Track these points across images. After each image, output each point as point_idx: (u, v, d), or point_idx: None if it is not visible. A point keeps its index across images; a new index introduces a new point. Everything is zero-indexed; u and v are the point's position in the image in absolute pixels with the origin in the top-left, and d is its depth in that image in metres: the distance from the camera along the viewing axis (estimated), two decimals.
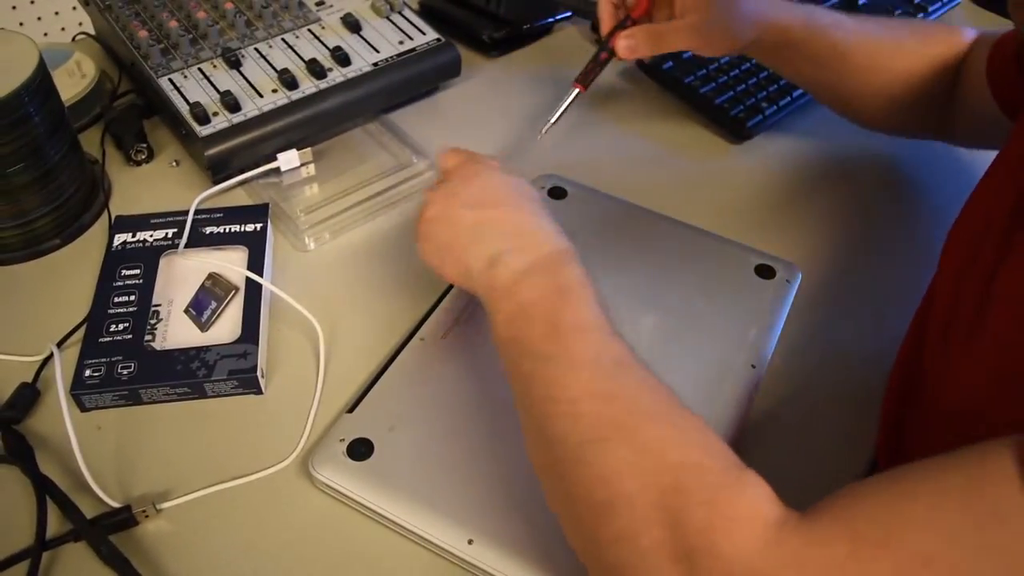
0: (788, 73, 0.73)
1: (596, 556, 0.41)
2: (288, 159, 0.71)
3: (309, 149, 0.72)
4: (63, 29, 1.55)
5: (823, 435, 0.58)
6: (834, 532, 0.34)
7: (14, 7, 1.52)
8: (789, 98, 0.82)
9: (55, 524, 0.52)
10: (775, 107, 0.81)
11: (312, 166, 0.72)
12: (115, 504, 0.52)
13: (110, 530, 0.51)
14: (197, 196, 0.69)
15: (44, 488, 0.53)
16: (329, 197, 0.71)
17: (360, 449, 0.53)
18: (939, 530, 0.32)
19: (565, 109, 0.67)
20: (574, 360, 0.44)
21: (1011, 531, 0.31)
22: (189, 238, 0.66)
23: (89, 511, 0.52)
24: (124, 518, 0.52)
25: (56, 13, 1.54)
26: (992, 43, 0.63)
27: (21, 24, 1.54)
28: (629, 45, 0.64)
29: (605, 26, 0.67)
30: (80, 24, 0.96)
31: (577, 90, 0.67)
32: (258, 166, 0.71)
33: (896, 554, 0.33)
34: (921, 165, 0.79)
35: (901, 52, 0.69)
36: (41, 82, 0.65)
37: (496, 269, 0.49)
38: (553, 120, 0.67)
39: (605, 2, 0.66)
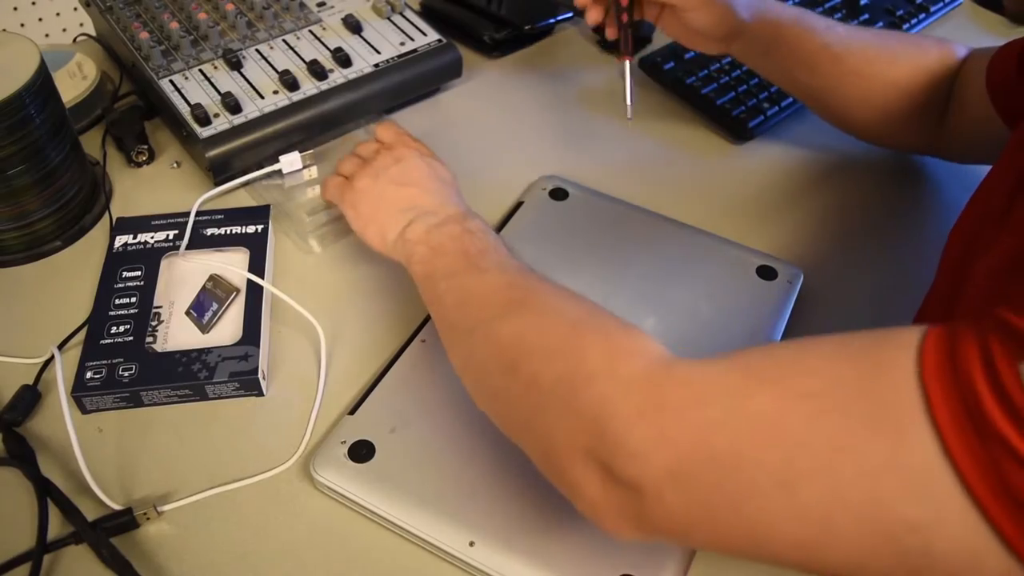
0: (779, 77, 0.73)
1: (507, 411, 0.46)
2: (290, 161, 0.71)
3: (312, 151, 0.72)
4: (64, 30, 1.55)
5: None
6: (730, 366, 0.38)
7: (15, 8, 1.52)
8: (791, 99, 0.81)
9: (56, 526, 0.52)
10: (777, 108, 0.80)
11: (315, 168, 0.72)
12: (116, 506, 0.52)
13: (111, 532, 0.51)
14: (199, 198, 0.69)
15: (45, 490, 0.53)
16: None
17: (361, 451, 0.53)
18: (829, 374, 0.35)
19: (632, 84, 0.70)
20: (482, 269, 0.51)
21: (887, 382, 0.33)
22: (190, 240, 0.66)
23: (90, 513, 0.52)
24: (125, 520, 0.52)
25: (57, 14, 1.54)
26: (989, 58, 0.63)
27: (22, 25, 1.54)
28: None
29: None
30: (81, 25, 0.96)
31: (627, 61, 0.70)
32: (260, 167, 0.71)
33: (781, 388, 0.35)
34: (923, 167, 0.79)
35: (895, 61, 0.69)
36: (42, 84, 0.65)
37: (410, 227, 0.56)
38: (630, 99, 0.70)
39: None
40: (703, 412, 0.36)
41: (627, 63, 0.70)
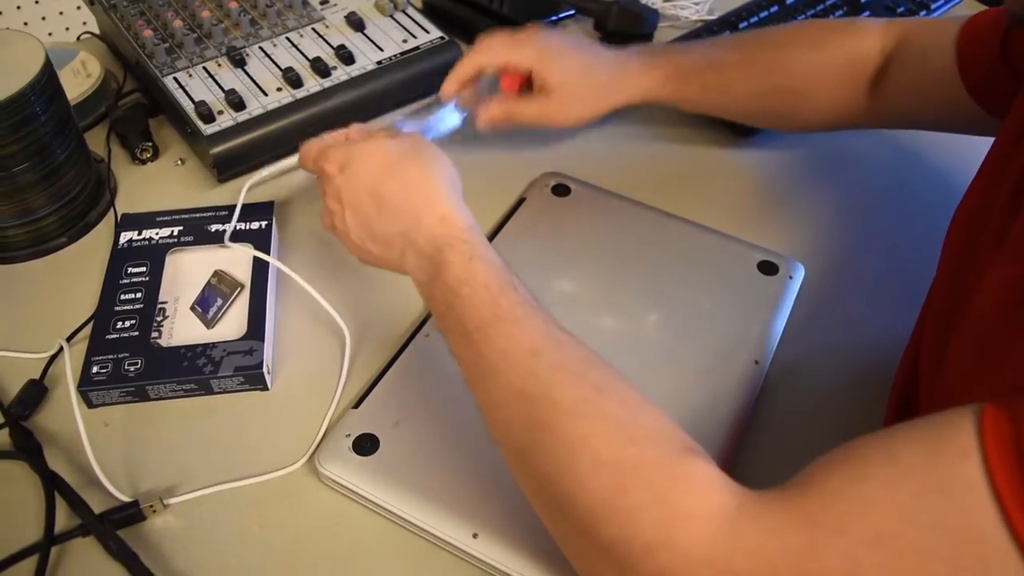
0: (692, 106, 0.74)
1: (564, 541, 0.42)
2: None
3: None
4: (67, 29, 1.56)
5: (829, 429, 0.58)
6: (789, 520, 0.35)
7: (19, 7, 1.53)
8: None
9: (63, 519, 0.52)
10: None
11: None
12: (123, 498, 0.53)
13: (118, 525, 0.52)
14: (243, 187, 0.69)
15: (53, 483, 0.53)
16: None
17: (365, 444, 0.53)
18: (891, 509, 0.32)
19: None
20: (486, 364, 0.44)
21: (958, 505, 0.31)
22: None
23: (97, 506, 0.52)
24: (132, 513, 0.52)
25: (60, 13, 1.55)
26: (955, 34, 0.62)
27: (26, 24, 1.55)
28: (488, 119, 0.70)
29: (449, 92, 0.70)
30: (84, 24, 0.97)
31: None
32: (262, 165, 0.71)
33: (849, 538, 0.33)
34: (922, 160, 0.79)
35: (794, 72, 0.69)
36: (47, 81, 0.65)
37: (406, 265, 0.52)
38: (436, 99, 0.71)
39: (467, 68, 0.69)
40: None
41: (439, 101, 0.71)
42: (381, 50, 0.79)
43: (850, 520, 0.33)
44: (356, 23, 0.81)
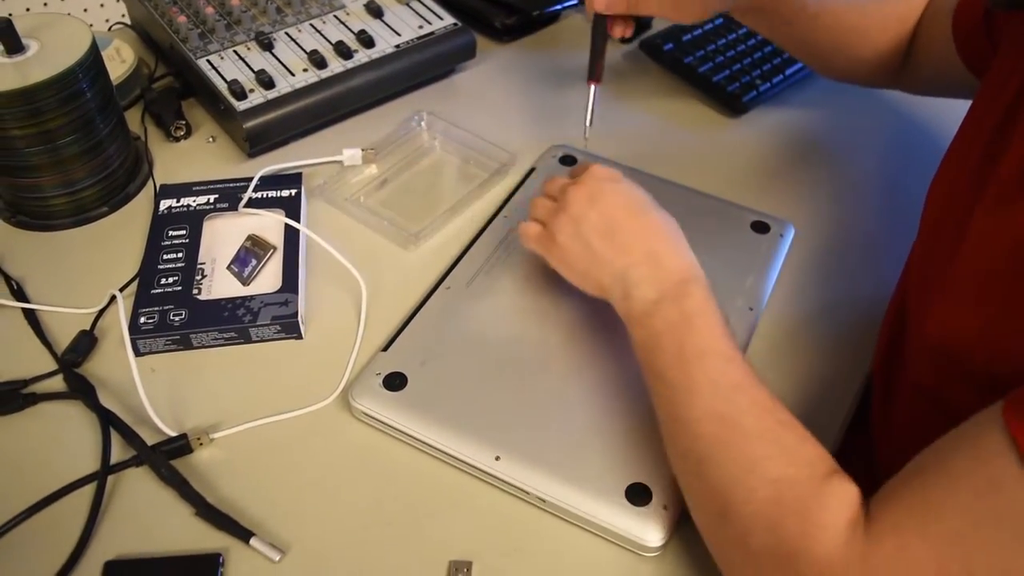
0: (765, 32, 0.78)
1: (720, 552, 0.48)
2: (351, 156, 0.77)
3: (372, 148, 0.78)
4: (91, 25, 1.61)
5: (817, 365, 0.63)
6: (883, 528, 0.41)
7: (45, 4, 1.58)
8: (782, 76, 0.87)
9: (117, 453, 0.57)
10: (769, 84, 0.86)
11: (374, 166, 0.78)
12: (172, 433, 0.57)
13: (169, 455, 0.56)
14: (257, 169, 0.75)
15: (107, 419, 0.58)
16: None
17: (395, 381, 0.58)
18: (956, 511, 0.38)
19: (593, 108, 0.73)
20: (694, 386, 0.50)
21: (1008, 497, 0.37)
22: (228, 203, 0.72)
23: (148, 441, 0.57)
24: (181, 445, 0.57)
25: (84, 10, 1.61)
26: (955, 5, 0.67)
27: (69, 14, 1.61)
28: (608, 2, 0.68)
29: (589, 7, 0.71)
30: (107, 20, 1.02)
31: (594, 87, 0.72)
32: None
33: (932, 540, 0.39)
34: (905, 128, 0.84)
35: (863, 12, 0.74)
36: (94, 60, 0.71)
37: (630, 301, 0.55)
38: (588, 123, 0.73)
39: None
40: None
41: (593, 88, 0.72)
42: (399, 35, 0.85)
43: (928, 525, 0.39)
44: (375, 10, 0.86)
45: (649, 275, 0.55)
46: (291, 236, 0.69)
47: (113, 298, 0.65)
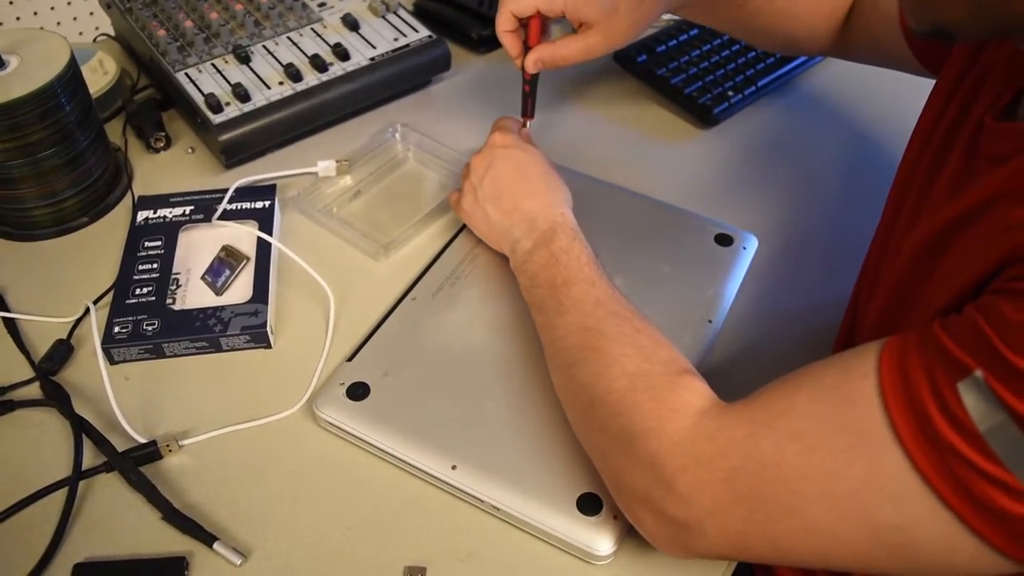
0: (701, 21, 0.80)
1: (588, 442, 0.54)
2: (326, 167, 0.79)
3: (346, 159, 0.79)
4: (80, 33, 1.64)
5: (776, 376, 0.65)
6: (739, 418, 0.46)
7: (35, 13, 1.61)
8: (754, 88, 0.89)
9: (89, 459, 0.59)
10: (740, 96, 0.88)
11: (348, 177, 0.79)
12: (142, 440, 0.59)
13: (139, 461, 0.58)
14: (232, 182, 0.77)
15: (80, 426, 0.60)
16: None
17: (358, 391, 0.60)
18: (811, 414, 0.43)
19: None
20: (561, 308, 0.58)
21: (858, 413, 0.41)
22: (204, 214, 0.74)
23: (119, 448, 0.59)
24: (150, 451, 0.59)
25: (74, 19, 1.63)
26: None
27: (41, 28, 1.62)
28: (535, 60, 0.71)
29: (514, 53, 0.72)
30: (96, 28, 1.04)
31: (527, 121, 0.77)
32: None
33: (777, 432, 0.43)
34: (872, 146, 0.86)
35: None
36: (72, 75, 0.72)
37: (515, 254, 0.65)
38: None
39: (506, 35, 0.71)
40: (726, 462, 0.44)
41: (527, 124, 0.76)
42: (374, 48, 0.86)
43: (778, 419, 0.44)
44: (351, 23, 0.88)
45: (526, 231, 0.65)
46: (264, 247, 0.71)
47: (88, 309, 0.67)
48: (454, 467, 0.56)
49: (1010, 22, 0.41)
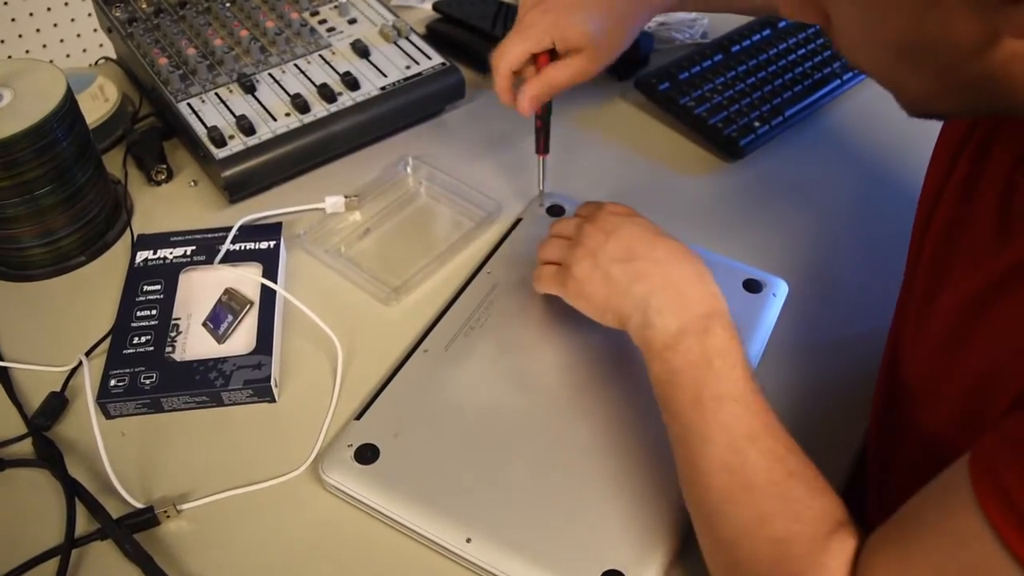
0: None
1: None
2: (334, 203, 0.75)
3: (355, 195, 0.76)
4: (84, 51, 1.61)
5: (809, 437, 0.61)
6: None
7: (38, 29, 1.58)
8: (781, 118, 0.85)
9: (83, 524, 0.56)
10: (767, 127, 0.84)
11: (358, 213, 0.76)
12: (139, 505, 0.56)
13: (134, 529, 0.55)
14: (237, 218, 0.74)
15: (73, 490, 0.57)
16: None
17: (366, 453, 0.57)
18: (928, 565, 0.40)
19: (543, 175, 0.75)
20: (708, 432, 0.49)
21: (973, 553, 0.37)
22: (206, 255, 0.70)
23: (114, 512, 0.56)
24: (147, 518, 0.55)
25: (78, 35, 1.60)
26: None
27: (44, 46, 1.60)
28: (529, 98, 0.68)
29: (508, 101, 0.70)
30: (101, 46, 1.01)
31: (542, 158, 0.74)
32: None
33: None
34: (903, 181, 0.82)
35: None
36: (68, 109, 0.69)
37: (651, 330, 0.53)
38: (542, 188, 0.76)
39: (503, 82, 0.69)
40: None
41: (541, 160, 0.74)
42: (385, 76, 0.83)
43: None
44: (361, 50, 0.85)
45: (671, 303, 0.53)
46: (268, 291, 0.68)
47: (80, 363, 0.64)
48: (469, 540, 0.52)
49: (1012, 109, 0.41)
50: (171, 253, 0.71)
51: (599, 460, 0.57)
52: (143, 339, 0.64)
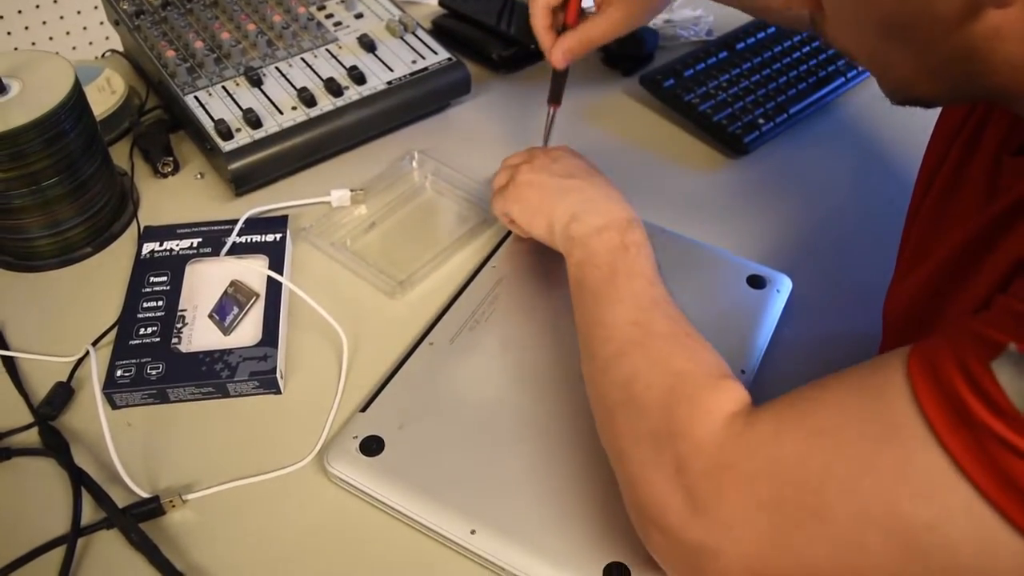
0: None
1: (612, 445, 0.51)
2: (340, 196, 0.75)
3: (361, 189, 0.76)
4: (91, 43, 1.61)
5: None
6: (765, 416, 0.44)
7: (44, 22, 1.58)
8: (785, 115, 0.85)
9: (88, 513, 0.56)
10: (771, 124, 0.84)
11: (363, 206, 0.76)
12: (144, 494, 0.56)
13: (140, 518, 0.55)
14: (244, 210, 0.74)
15: (79, 479, 0.57)
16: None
17: (372, 445, 0.57)
18: (838, 409, 0.41)
19: (550, 127, 0.75)
20: (617, 296, 0.55)
21: (887, 404, 0.39)
22: (212, 247, 0.71)
23: (120, 501, 0.56)
24: (153, 507, 0.56)
25: (84, 28, 1.60)
26: None
27: (51, 38, 1.60)
28: (564, 51, 0.69)
29: (546, 43, 0.70)
30: (107, 39, 1.01)
31: (553, 109, 0.74)
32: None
33: (802, 428, 0.42)
34: (908, 177, 0.82)
35: None
36: (76, 101, 0.69)
37: (575, 223, 0.60)
38: (545, 142, 0.75)
39: (540, 19, 0.69)
40: (750, 464, 0.42)
41: (552, 110, 0.74)
42: (391, 71, 0.83)
43: (805, 416, 0.42)
44: (368, 44, 0.85)
45: (599, 209, 0.61)
46: (274, 283, 0.68)
47: (87, 353, 0.64)
48: (473, 531, 0.53)
49: (990, 93, 0.42)
50: (177, 245, 0.71)
51: (604, 452, 0.57)
52: (149, 330, 0.64)
